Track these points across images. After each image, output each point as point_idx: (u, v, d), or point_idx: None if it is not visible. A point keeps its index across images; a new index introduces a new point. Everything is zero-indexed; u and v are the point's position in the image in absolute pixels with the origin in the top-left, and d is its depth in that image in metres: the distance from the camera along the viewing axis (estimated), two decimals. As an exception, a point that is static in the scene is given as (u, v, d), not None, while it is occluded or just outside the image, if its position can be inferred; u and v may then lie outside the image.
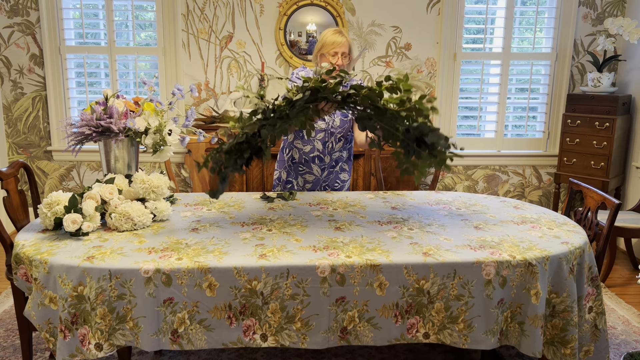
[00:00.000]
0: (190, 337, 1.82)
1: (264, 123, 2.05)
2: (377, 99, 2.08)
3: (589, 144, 4.07)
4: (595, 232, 2.44)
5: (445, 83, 4.33)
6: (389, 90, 2.11)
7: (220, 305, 1.83)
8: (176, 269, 1.80)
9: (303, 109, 2.05)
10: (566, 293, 1.96)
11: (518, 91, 4.50)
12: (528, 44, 4.42)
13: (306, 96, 2.04)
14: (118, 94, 2.51)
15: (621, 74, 4.34)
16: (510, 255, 1.93)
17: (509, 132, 4.57)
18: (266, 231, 2.16)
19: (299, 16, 4.18)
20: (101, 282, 1.77)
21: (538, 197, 4.63)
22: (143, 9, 4.23)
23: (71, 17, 4.21)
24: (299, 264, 1.84)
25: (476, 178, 4.56)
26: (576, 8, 4.28)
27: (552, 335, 1.99)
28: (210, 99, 4.29)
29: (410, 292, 1.88)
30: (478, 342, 1.91)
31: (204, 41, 4.21)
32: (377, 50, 4.29)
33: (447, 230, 2.21)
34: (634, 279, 3.66)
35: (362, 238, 2.09)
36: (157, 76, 2.89)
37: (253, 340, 1.85)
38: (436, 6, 4.25)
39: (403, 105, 2.09)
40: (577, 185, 2.67)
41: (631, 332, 2.89)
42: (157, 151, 2.50)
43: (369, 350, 2.64)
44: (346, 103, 2.12)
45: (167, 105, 2.53)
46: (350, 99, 2.11)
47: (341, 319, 1.88)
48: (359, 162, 3.99)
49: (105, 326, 1.79)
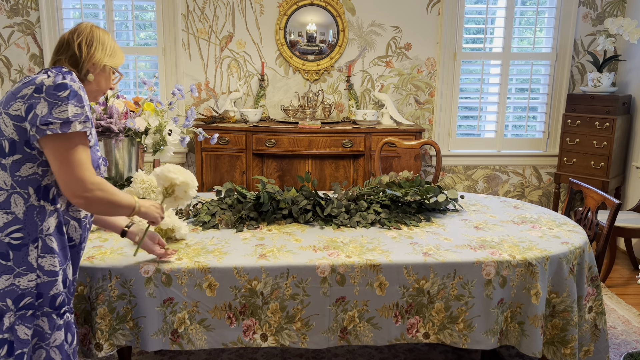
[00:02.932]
0: (191, 337, 1.82)
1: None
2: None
3: (589, 144, 4.07)
4: (595, 232, 2.44)
5: (445, 83, 4.33)
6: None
7: (220, 305, 1.83)
8: (176, 269, 1.80)
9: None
10: (566, 293, 1.96)
11: (518, 91, 4.50)
12: (528, 44, 4.42)
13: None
14: (118, 94, 2.51)
15: (621, 74, 4.34)
16: (510, 255, 1.93)
17: (509, 132, 4.57)
18: (266, 231, 2.16)
19: (299, 16, 4.18)
20: (101, 282, 1.77)
21: (538, 197, 4.63)
22: (143, 9, 4.23)
23: (71, 17, 4.21)
24: (299, 264, 1.84)
25: (476, 178, 4.56)
26: (576, 8, 4.28)
27: (552, 335, 1.99)
28: (210, 99, 4.29)
29: (410, 292, 1.88)
30: (478, 342, 1.91)
31: (204, 41, 4.21)
32: (377, 50, 4.29)
33: (447, 230, 2.21)
34: (634, 279, 3.66)
35: (362, 238, 2.09)
36: (157, 76, 2.89)
37: (253, 340, 1.85)
38: (436, 6, 4.25)
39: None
40: (577, 185, 2.67)
41: (631, 332, 2.89)
42: (157, 151, 2.51)
43: (369, 350, 2.64)
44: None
45: (167, 105, 2.54)
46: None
47: (341, 318, 1.88)
48: (359, 162, 4.00)
49: (105, 326, 1.79)
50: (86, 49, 1.56)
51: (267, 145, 3.90)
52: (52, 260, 1.46)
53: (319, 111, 4.21)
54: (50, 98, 1.39)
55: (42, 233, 1.45)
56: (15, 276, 1.42)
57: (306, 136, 3.89)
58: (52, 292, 1.47)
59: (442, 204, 2.44)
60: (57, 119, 1.38)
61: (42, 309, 1.47)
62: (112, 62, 1.63)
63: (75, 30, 1.59)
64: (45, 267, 1.45)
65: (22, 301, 1.43)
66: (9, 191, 1.43)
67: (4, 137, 1.42)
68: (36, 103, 1.39)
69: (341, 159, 4.02)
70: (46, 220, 1.46)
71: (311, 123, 3.96)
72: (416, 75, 4.35)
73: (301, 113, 4.12)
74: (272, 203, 2.27)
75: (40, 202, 1.45)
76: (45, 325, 1.47)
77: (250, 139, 3.92)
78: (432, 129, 4.43)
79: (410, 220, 2.27)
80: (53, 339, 1.48)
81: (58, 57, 1.56)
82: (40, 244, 1.44)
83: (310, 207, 2.29)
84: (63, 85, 1.41)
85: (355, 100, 4.25)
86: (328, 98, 4.30)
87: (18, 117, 1.41)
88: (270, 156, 3.99)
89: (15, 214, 1.43)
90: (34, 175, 1.44)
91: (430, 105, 4.40)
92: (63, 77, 1.43)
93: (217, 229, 2.16)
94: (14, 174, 1.43)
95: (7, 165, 1.43)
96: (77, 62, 1.56)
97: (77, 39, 1.57)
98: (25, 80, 1.47)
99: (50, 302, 1.47)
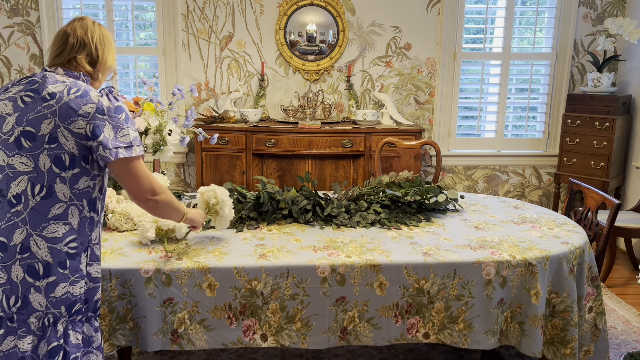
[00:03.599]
0: (191, 337, 1.82)
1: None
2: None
3: (589, 144, 4.07)
4: (595, 232, 2.44)
5: (445, 83, 4.33)
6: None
7: (220, 305, 1.83)
8: (176, 269, 1.80)
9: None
10: (566, 293, 1.96)
11: (518, 91, 4.50)
12: (528, 44, 4.42)
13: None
14: (118, 94, 2.50)
15: (621, 74, 4.34)
16: (510, 255, 1.93)
17: (509, 132, 4.57)
18: (266, 231, 2.16)
19: (299, 16, 4.18)
20: (101, 282, 1.77)
21: (538, 197, 4.63)
22: (143, 9, 4.23)
23: (71, 17, 4.21)
24: (299, 264, 1.84)
25: (476, 178, 4.56)
26: (576, 8, 4.28)
27: (552, 335, 1.99)
28: (210, 99, 4.29)
29: (410, 292, 1.88)
30: (478, 342, 1.91)
31: (204, 41, 4.21)
32: (377, 50, 4.29)
33: (447, 230, 2.21)
34: (634, 279, 3.66)
35: (362, 238, 2.09)
36: (157, 76, 2.89)
37: (253, 340, 1.85)
38: (436, 6, 4.25)
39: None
40: (577, 185, 2.67)
41: (631, 332, 2.89)
42: (157, 151, 2.50)
43: (369, 350, 2.64)
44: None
45: (167, 105, 2.53)
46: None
47: (341, 319, 1.88)
48: (359, 161, 4.00)
49: (105, 326, 1.79)
50: (102, 50, 1.61)
51: (267, 145, 3.91)
52: (97, 268, 1.57)
53: (319, 111, 4.21)
54: (113, 121, 1.49)
55: (91, 242, 1.55)
56: (70, 284, 1.49)
57: (306, 136, 3.89)
58: (95, 297, 1.57)
59: (442, 204, 2.44)
60: (122, 142, 1.50)
61: (87, 314, 1.55)
62: (114, 60, 1.68)
63: (86, 29, 1.59)
64: (92, 274, 1.55)
65: (74, 307, 1.51)
66: (67, 203, 1.49)
67: (64, 150, 1.46)
68: (102, 125, 1.47)
69: (341, 159, 4.02)
70: (94, 230, 1.56)
71: (311, 123, 3.96)
72: (416, 75, 4.35)
73: (301, 113, 4.13)
74: (272, 203, 2.28)
75: (91, 213, 1.54)
76: (90, 330, 1.56)
77: (250, 139, 3.92)
78: (432, 129, 4.43)
79: (410, 220, 2.27)
80: (95, 341, 1.57)
81: (74, 54, 1.56)
82: (89, 253, 1.54)
83: (310, 207, 2.30)
84: (120, 109, 1.52)
85: (355, 100, 4.25)
86: (328, 98, 4.30)
87: (81, 135, 1.46)
88: (270, 156, 3.99)
89: (72, 225, 1.50)
90: (87, 189, 1.52)
91: (430, 105, 4.40)
92: (116, 99, 1.53)
93: (217, 229, 2.16)
94: (73, 186, 1.49)
95: (66, 178, 1.48)
96: (94, 63, 1.60)
97: (92, 39, 1.58)
98: (76, 92, 1.48)
99: (93, 306, 1.57)
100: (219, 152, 3.96)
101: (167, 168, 4.35)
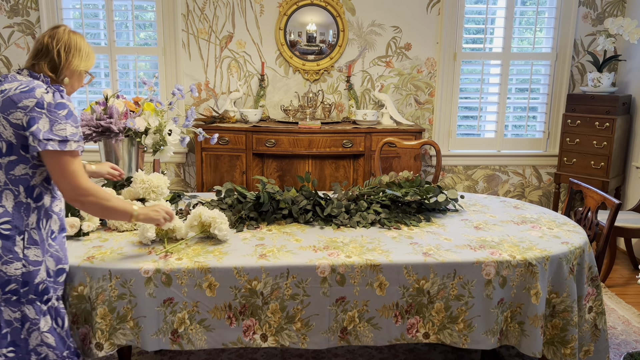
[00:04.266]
0: (190, 337, 1.82)
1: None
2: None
3: (589, 144, 4.07)
4: (595, 232, 2.44)
5: (445, 83, 4.33)
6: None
7: (220, 305, 1.83)
8: (176, 269, 1.80)
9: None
10: (566, 293, 1.96)
11: (518, 91, 4.50)
12: (528, 44, 4.42)
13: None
14: (118, 94, 2.51)
15: (621, 74, 4.34)
16: (510, 255, 1.93)
17: (509, 132, 4.57)
18: (266, 231, 2.16)
19: (299, 16, 4.18)
20: (101, 282, 1.77)
21: (538, 197, 4.63)
22: (143, 9, 4.23)
23: (71, 17, 4.21)
24: (299, 264, 1.84)
25: (476, 178, 4.56)
26: (576, 8, 4.28)
27: (552, 335, 1.99)
28: (210, 99, 4.29)
29: (410, 292, 1.88)
30: (478, 342, 1.91)
31: (204, 41, 4.21)
32: (377, 50, 4.29)
33: (447, 230, 2.21)
34: (634, 279, 3.66)
35: (362, 238, 2.09)
36: (157, 76, 2.89)
37: (253, 340, 1.85)
38: (436, 6, 4.25)
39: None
40: (577, 185, 2.67)
41: (631, 332, 2.89)
42: (157, 151, 2.50)
43: (369, 350, 2.64)
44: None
45: (167, 105, 2.54)
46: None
47: (341, 319, 1.88)
48: (359, 162, 4.00)
49: (105, 326, 1.79)
50: (65, 55, 1.71)
51: (267, 145, 3.91)
52: (36, 252, 1.64)
53: (319, 111, 4.21)
54: (51, 115, 1.58)
55: (29, 227, 1.63)
56: (2, 263, 1.58)
57: (306, 136, 3.89)
58: (36, 280, 1.63)
59: (442, 204, 2.44)
60: (56, 136, 1.58)
61: (27, 296, 1.62)
62: (86, 66, 1.77)
63: (54, 36, 1.71)
64: (31, 258, 1.62)
65: (8, 286, 1.60)
66: (1, 187, 1.61)
67: (2, 139, 1.60)
68: (38, 118, 1.57)
69: (341, 159, 4.02)
70: (30, 216, 1.64)
71: (311, 123, 3.96)
72: (416, 75, 4.35)
73: (301, 113, 4.13)
74: (272, 203, 2.28)
75: (27, 199, 1.63)
76: (31, 312, 1.63)
77: (250, 139, 3.92)
78: (432, 129, 4.43)
79: (410, 220, 2.27)
80: (43, 324, 1.65)
81: (37, 60, 1.70)
82: (26, 237, 1.62)
83: (310, 207, 2.30)
84: (62, 105, 1.60)
85: (355, 100, 4.25)
86: (328, 98, 4.30)
87: (18, 126, 1.58)
88: (270, 156, 3.99)
89: (6, 208, 1.60)
90: (24, 176, 1.63)
91: (430, 105, 4.40)
92: (61, 96, 1.61)
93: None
94: (8, 172, 1.61)
95: (2, 164, 1.61)
96: (56, 68, 1.71)
97: (56, 45, 1.70)
98: (23, 87, 1.60)
99: (35, 290, 1.63)
100: (219, 152, 3.96)
101: (167, 168, 4.35)
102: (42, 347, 1.65)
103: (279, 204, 2.29)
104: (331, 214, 2.28)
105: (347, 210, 2.31)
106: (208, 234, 2.04)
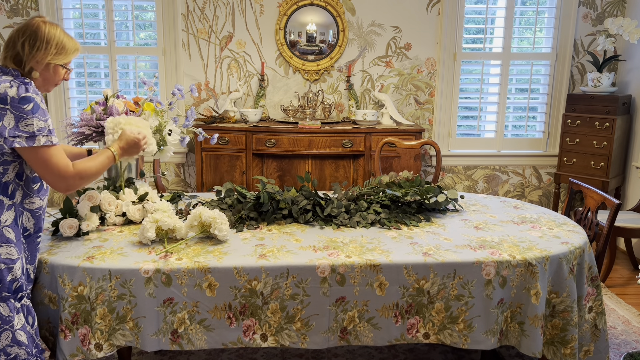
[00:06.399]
0: (190, 337, 1.82)
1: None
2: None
3: (589, 144, 4.07)
4: (595, 232, 2.44)
5: (445, 83, 4.33)
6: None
7: (220, 305, 1.83)
8: (176, 269, 1.80)
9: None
10: (566, 293, 1.96)
11: (518, 91, 4.50)
12: (528, 44, 4.42)
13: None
14: (118, 94, 2.51)
15: (621, 74, 4.34)
16: (510, 255, 1.93)
17: (509, 132, 4.57)
18: (266, 231, 2.16)
19: (299, 16, 4.18)
20: (101, 282, 1.77)
21: (538, 197, 4.63)
22: (143, 9, 4.23)
23: (71, 17, 4.21)
24: (299, 264, 1.84)
25: (476, 178, 4.56)
26: (576, 8, 4.28)
27: (552, 335, 1.99)
28: (210, 99, 4.29)
29: (410, 292, 1.88)
30: (478, 342, 1.91)
31: (204, 41, 4.21)
32: (377, 50, 4.29)
33: (447, 230, 2.21)
34: (634, 279, 3.66)
35: (362, 238, 2.09)
36: (157, 76, 2.89)
37: (253, 340, 1.85)
38: (436, 6, 4.25)
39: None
40: (577, 185, 2.67)
41: (631, 332, 2.89)
42: (157, 151, 2.50)
43: (369, 350, 2.64)
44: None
45: (167, 105, 2.53)
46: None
47: (341, 319, 1.87)
48: (359, 162, 4.00)
49: (105, 326, 1.79)
50: (28, 48, 1.66)
51: (267, 145, 3.90)
52: (9, 250, 1.62)
53: (319, 111, 4.21)
54: (16, 111, 1.55)
55: (1, 224, 1.61)
56: None
57: (306, 136, 3.89)
58: (9, 277, 1.62)
59: (442, 204, 2.44)
60: (23, 132, 1.56)
61: (0, 294, 1.61)
62: (58, 60, 1.71)
63: (21, 28, 1.68)
64: (2, 255, 1.61)
65: None
66: None
67: None
68: (2, 114, 1.55)
69: (341, 159, 4.02)
70: (4, 213, 1.61)
71: (311, 123, 3.96)
72: (416, 75, 4.35)
73: (301, 113, 4.13)
74: (272, 203, 2.28)
75: (1, 196, 1.61)
76: (5, 309, 1.63)
77: (250, 139, 3.92)
78: (432, 129, 4.43)
79: (410, 220, 2.27)
80: (16, 322, 1.64)
81: (6, 54, 1.67)
82: None
83: (310, 207, 2.30)
84: (27, 99, 1.56)
85: (355, 100, 4.25)
86: (328, 98, 4.30)
87: None
88: (270, 156, 3.99)
89: None
90: None
91: (430, 105, 4.40)
92: (26, 90, 1.57)
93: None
94: None
95: None
96: (20, 61, 1.67)
97: (21, 37, 1.66)
98: None
99: (8, 287, 1.62)
100: (219, 152, 3.96)
101: (167, 168, 4.35)
102: (12, 347, 1.64)
103: (279, 204, 2.29)
104: (331, 214, 2.28)
105: (347, 210, 2.31)
106: (208, 234, 2.04)
